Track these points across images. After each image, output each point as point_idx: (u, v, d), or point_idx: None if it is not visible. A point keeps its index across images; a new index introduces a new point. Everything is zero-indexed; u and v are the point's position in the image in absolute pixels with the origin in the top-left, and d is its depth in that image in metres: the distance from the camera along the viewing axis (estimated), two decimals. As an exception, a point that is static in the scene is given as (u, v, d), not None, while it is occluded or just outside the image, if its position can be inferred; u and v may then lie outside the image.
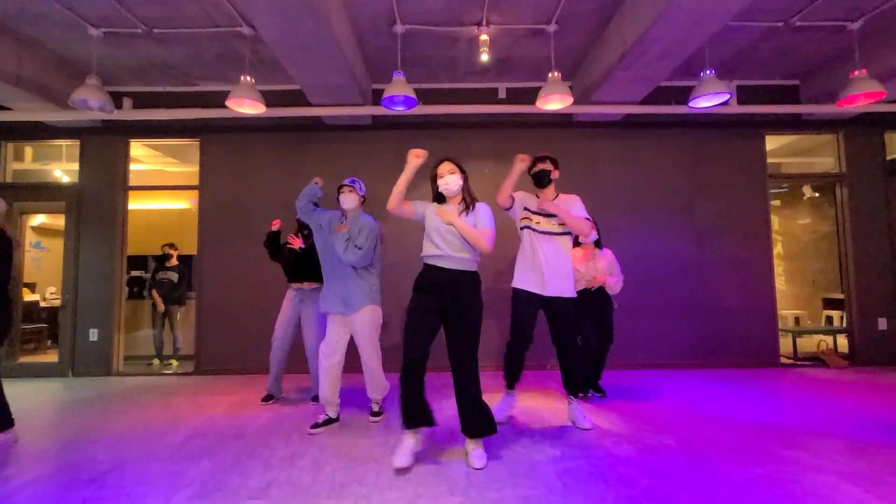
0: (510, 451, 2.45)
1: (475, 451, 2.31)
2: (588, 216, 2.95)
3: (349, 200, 2.97)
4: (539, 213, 2.85)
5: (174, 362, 5.35)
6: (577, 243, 3.46)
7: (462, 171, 2.48)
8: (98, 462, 2.41)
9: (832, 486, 2.02)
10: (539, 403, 3.41)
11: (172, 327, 5.42)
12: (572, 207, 2.80)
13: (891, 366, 4.60)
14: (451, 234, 2.38)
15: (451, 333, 2.35)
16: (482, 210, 2.45)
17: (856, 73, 3.60)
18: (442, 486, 2.06)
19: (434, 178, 2.50)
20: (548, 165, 2.88)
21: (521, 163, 2.72)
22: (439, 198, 2.52)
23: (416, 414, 2.29)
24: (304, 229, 3.51)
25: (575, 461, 2.32)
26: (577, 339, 2.92)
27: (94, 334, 4.67)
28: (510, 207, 2.89)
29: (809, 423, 2.87)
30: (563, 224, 2.77)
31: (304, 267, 3.42)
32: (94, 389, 4.09)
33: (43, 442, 2.75)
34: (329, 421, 2.92)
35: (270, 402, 3.51)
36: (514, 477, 2.14)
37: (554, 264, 2.77)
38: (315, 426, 2.85)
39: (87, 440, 2.76)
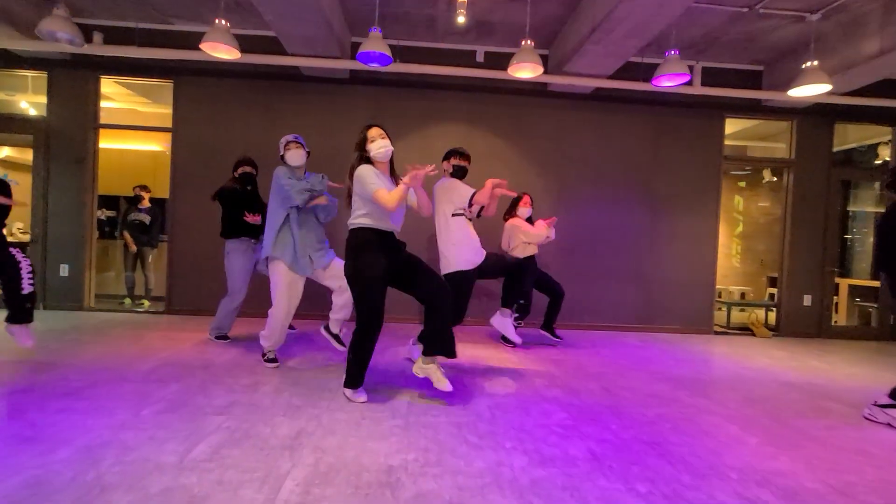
0: (452, 389, 2.76)
1: (442, 375, 2.48)
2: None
3: (300, 157, 3.05)
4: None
5: (146, 302, 5.48)
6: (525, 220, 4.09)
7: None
8: (71, 381, 2.62)
9: (717, 424, 2.39)
10: (486, 353, 3.73)
11: (144, 269, 5.52)
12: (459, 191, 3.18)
13: (810, 337, 5.11)
14: (400, 207, 2.51)
15: (413, 278, 2.50)
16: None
17: (808, 63, 3.82)
18: (385, 412, 2.35)
19: (363, 143, 2.48)
20: (468, 164, 3.25)
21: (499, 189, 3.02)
22: (366, 163, 2.48)
23: (362, 376, 2.52)
24: (248, 185, 3.60)
25: (506, 398, 2.65)
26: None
27: (64, 269, 4.76)
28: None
29: (719, 379, 3.28)
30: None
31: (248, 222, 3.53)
32: (66, 322, 4.24)
33: (18, 363, 2.93)
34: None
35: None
36: (449, 407, 2.45)
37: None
38: (272, 360, 3.11)
39: (60, 364, 2.95)
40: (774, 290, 7.51)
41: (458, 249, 3.15)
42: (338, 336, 3.22)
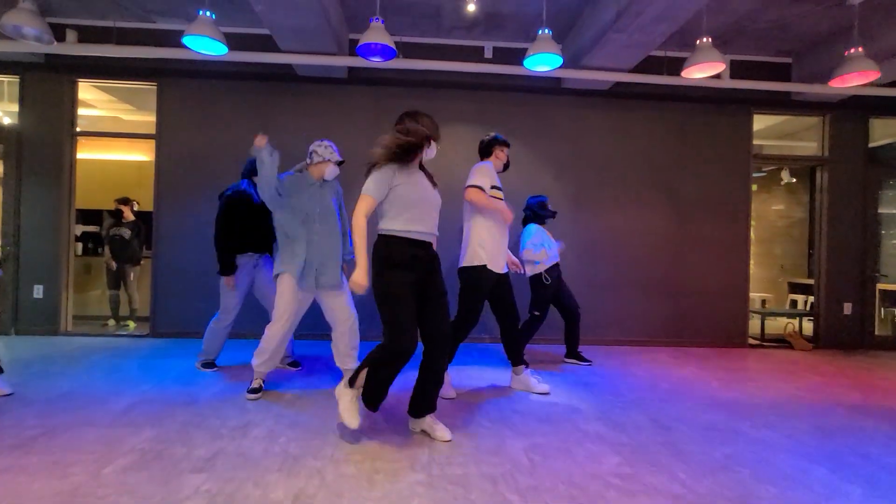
0: (476, 426, 2.35)
1: (437, 423, 2.20)
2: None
3: (333, 172, 2.76)
4: (500, 189, 2.83)
5: (131, 324, 5.06)
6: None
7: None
8: (27, 427, 2.20)
9: (802, 468, 1.99)
10: (507, 376, 3.32)
11: (126, 287, 5.10)
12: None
13: (853, 349, 4.71)
14: (436, 209, 2.17)
15: (430, 308, 2.12)
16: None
17: (852, 50, 3.48)
18: (403, 461, 1.94)
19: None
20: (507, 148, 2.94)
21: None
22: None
23: (382, 399, 2.16)
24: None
25: (544, 437, 2.24)
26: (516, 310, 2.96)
27: (38, 291, 4.33)
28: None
29: (777, 404, 2.87)
30: None
31: (259, 233, 3.13)
32: (36, 349, 3.81)
33: (-33, 404, 2.50)
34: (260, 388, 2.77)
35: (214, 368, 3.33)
36: (479, 453, 2.04)
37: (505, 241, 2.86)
38: (255, 391, 2.71)
39: (18, 403, 2.52)
40: (797, 297, 7.17)
41: (486, 243, 2.74)
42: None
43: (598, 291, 4.53)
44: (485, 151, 2.91)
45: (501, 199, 2.78)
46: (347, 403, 2.10)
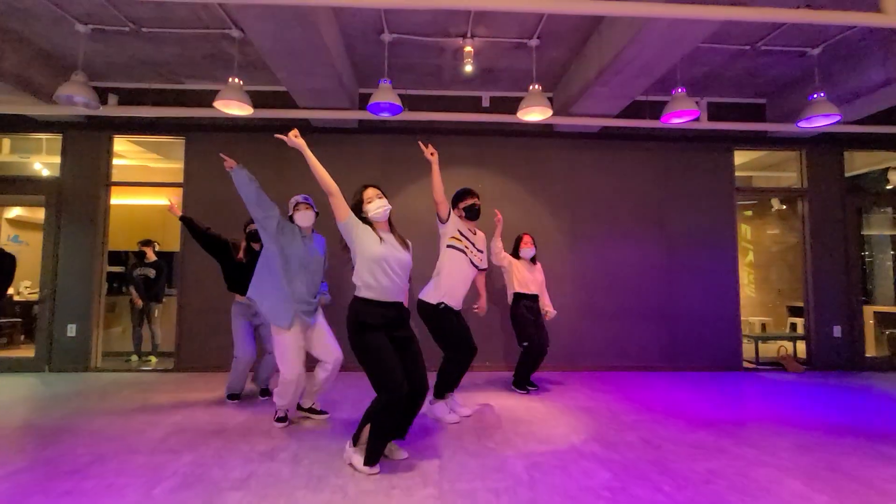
0: (481, 447, 2.58)
1: (396, 447, 2.45)
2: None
3: (308, 218, 2.97)
4: (471, 243, 3.15)
5: (153, 359, 5.34)
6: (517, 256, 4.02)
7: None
8: (78, 455, 2.46)
9: (775, 479, 2.20)
10: (512, 402, 3.55)
11: (150, 324, 5.41)
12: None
13: (844, 370, 4.89)
14: (401, 267, 2.34)
15: (404, 358, 2.30)
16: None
17: (815, 96, 3.84)
18: (416, 478, 2.18)
19: (360, 204, 2.40)
20: (478, 201, 3.22)
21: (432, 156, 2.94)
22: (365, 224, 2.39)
23: (381, 454, 2.29)
24: (254, 242, 3.43)
25: (542, 456, 2.46)
26: None
27: (72, 329, 4.65)
28: (447, 220, 3.10)
29: (762, 423, 3.07)
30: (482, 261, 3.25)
31: (245, 279, 3.20)
32: (71, 385, 4.09)
33: (22, 436, 2.77)
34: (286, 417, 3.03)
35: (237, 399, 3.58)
36: (484, 470, 2.27)
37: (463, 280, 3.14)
38: (282, 419, 2.99)
39: (66, 434, 2.79)
40: (796, 320, 7.33)
41: (435, 280, 3.10)
42: (313, 409, 3.15)
43: (594, 319, 4.78)
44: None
45: (467, 248, 3.11)
46: (359, 458, 2.27)
